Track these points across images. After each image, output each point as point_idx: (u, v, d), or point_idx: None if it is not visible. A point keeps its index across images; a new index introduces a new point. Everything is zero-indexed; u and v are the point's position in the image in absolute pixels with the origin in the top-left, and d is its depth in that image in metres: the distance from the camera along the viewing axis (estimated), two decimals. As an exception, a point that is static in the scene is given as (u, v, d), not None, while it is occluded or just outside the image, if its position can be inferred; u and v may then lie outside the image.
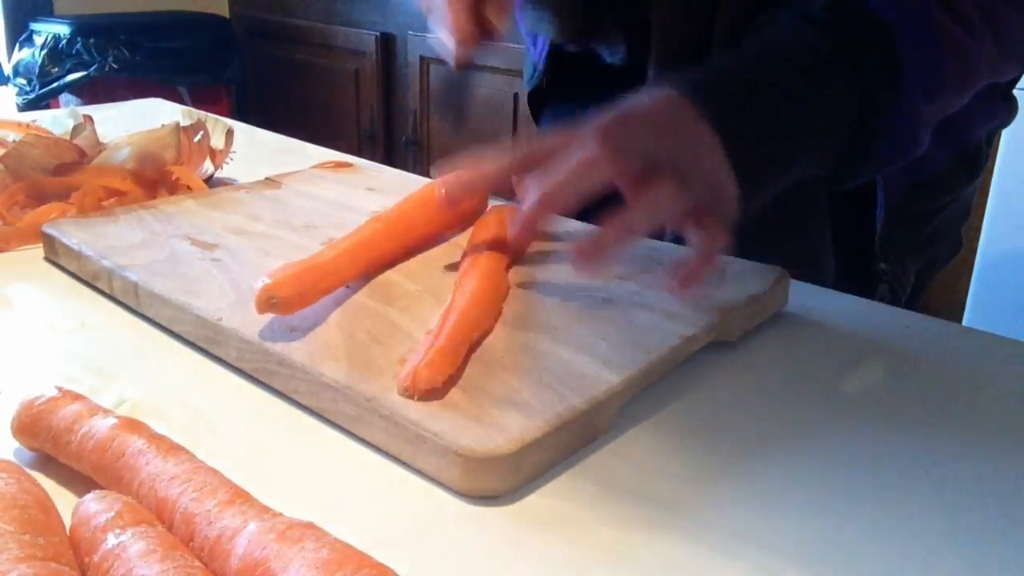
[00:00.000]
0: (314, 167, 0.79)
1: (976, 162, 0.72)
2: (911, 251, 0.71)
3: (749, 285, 0.53)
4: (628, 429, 0.43)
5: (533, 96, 0.86)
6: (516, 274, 0.55)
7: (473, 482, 0.38)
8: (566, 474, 0.40)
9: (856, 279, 0.67)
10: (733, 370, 0.49)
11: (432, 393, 0.41)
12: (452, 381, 0.42)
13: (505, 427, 0.39)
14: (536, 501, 0.38)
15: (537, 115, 0.88)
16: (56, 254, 0.61)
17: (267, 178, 0.75)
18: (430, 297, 0.52)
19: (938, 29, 0.53)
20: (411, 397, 0.40)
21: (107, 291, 0.56)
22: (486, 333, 0.47)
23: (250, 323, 0.47)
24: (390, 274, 0.55)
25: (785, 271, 0.55)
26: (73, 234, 0.60)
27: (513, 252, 0.56)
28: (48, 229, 0.61)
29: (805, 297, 0.56)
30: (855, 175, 0.56)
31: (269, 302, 0.46)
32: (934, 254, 0.74)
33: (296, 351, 0.45)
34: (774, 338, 0.53)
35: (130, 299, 0.54)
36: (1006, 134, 1.73)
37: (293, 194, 0.71)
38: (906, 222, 0.68)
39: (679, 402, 0.46)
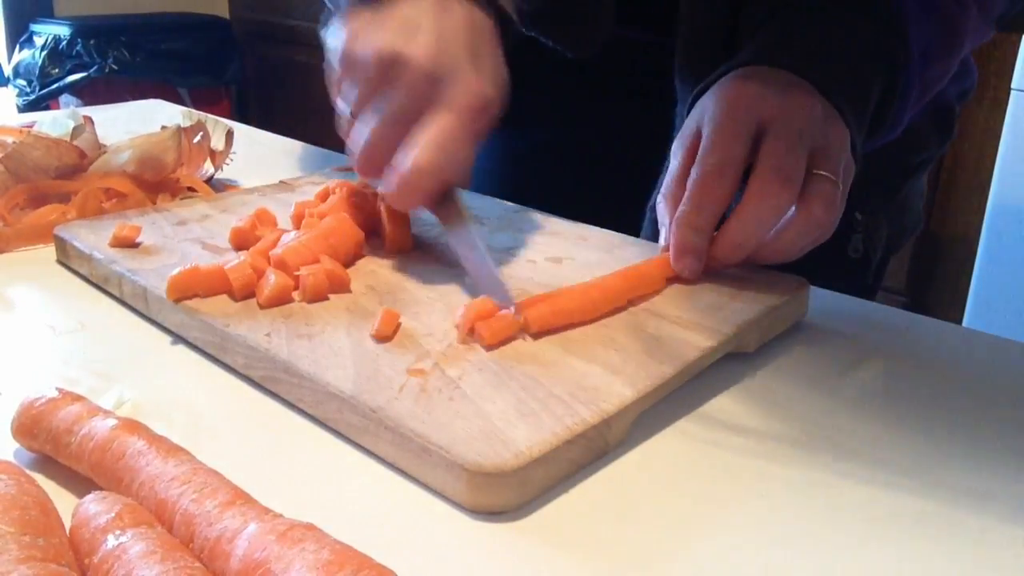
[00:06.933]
0: (335, 169, 0.79)
1: (947, 122, 0.78)
2: (884, 209, 0.77)
3: (768, 297, 0.52)
4: (640, 443, 0.42)
5: None
6: (525, 283, 0.55)
7: (480, 497, 0.36)
8: (575, 489, 0.39)
9: None
10: (746, 379, 0.49)
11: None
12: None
13: (513, 441, 0.37)
14: (544, 517, 0.37)
15: None
16: (68, 257, 0.61)
17: (281, 181, 0.74)
18: (441, 304, 0.51)
19: (936, 1, 0.59)
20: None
21: (117, 295, 0.56)
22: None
23: (257, 329, 0.47)
24: (401, 279, 0.55)
25: (804, 281, 0.54)
26: (84, 237, 0.60)
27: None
28: (60, 232, 0.61)
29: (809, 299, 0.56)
30: (875, 138, 0.60)
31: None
32: (903, 223, 0.80)
33: (302, 359, 0.44)
34: (784, 344, 0.52)
35: (140, 304, 0.54)
36: (1006, 134, 1.73)
37: (306, 198, 0.70)
38: (882, 175, 0.74)
39: (692, 415, 0.45)
